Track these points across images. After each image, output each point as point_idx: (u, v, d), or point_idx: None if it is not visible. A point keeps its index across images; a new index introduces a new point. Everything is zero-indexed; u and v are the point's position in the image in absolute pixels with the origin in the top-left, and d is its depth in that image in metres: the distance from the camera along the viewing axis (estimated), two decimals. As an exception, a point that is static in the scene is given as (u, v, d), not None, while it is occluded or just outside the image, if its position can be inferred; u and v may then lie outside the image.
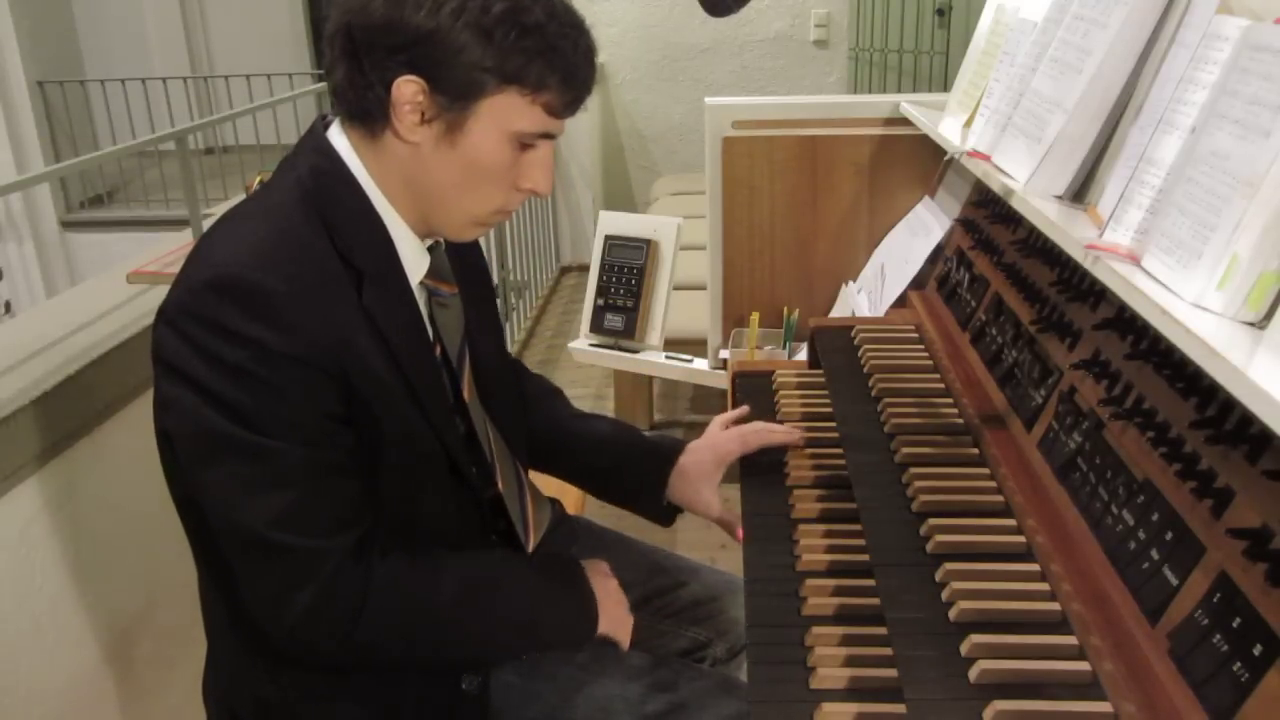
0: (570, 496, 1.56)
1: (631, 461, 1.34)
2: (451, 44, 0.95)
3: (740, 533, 1.24)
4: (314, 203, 1.02)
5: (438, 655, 1.10)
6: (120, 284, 1.87)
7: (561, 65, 0.99)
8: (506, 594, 1.12)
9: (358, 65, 0.98)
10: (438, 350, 1.13)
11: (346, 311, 1.00)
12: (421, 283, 1.11)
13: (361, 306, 1.01)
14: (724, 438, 1.33)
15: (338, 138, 1.05)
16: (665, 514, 1.32)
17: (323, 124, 1.07)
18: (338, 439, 1.00)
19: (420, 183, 1.04)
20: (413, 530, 1.08)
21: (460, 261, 1.21)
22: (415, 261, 1.09)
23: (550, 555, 1.28)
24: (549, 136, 1.04)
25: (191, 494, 1.01)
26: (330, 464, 0.99)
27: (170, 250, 2.10)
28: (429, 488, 1.09)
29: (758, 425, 1.37)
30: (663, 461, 1.31)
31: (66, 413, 1.45)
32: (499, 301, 3.37)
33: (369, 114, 1.01)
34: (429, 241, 1.12)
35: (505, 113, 0.99)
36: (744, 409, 1.44)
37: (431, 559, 1.07)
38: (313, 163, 1.04)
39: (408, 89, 0.97)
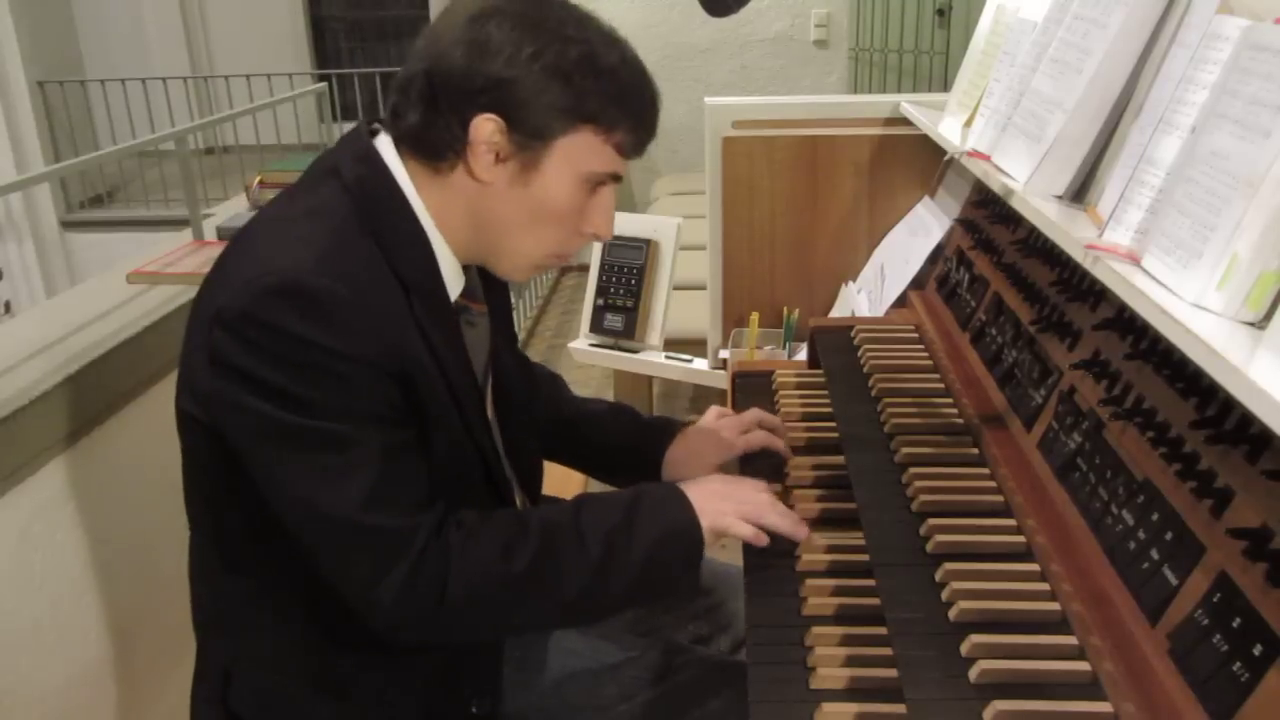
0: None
1: (628, 440, 1.35)
2: (531, 86, 0.98)
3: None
4: (362, 212, 1.02)
5: (531, 612, 1.06)
6: (120, 284, 1.88)
7: (634, 105, 1.04)
8: (590, 523, 1.06)
9: (435, 107, 1.00)
10: None
11: (402, 318, 1.01)
12: (455, 301, 1.11)
13: (413, 316, 1.02)
14: (728, 430, 1.33)
15: (387, 151, 1.05)
16: None
17: (368, 130, 1.07)
18: (406, 423, 1.01)
19: (485, 220, 1.05)
20: None
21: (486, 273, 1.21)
22: (452, 280, 1.09)
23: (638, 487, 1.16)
24: (617, 179, 1.07)
25: (266, 492, 1.00)
26: (405, 445, 1.01)
27: (170, 250, 2.10)
28: (470, 499, 1.09)
29: (758, 415, 1.35)
30: (659, 440, 1.34)
31: (66, 413, 1.45)
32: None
33: (439, 151, 1.02)
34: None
35: (580, 152, 1.02)
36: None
37: (505, 519, 1.06)
38: (359, 173, 1.04)
39: (486, 128, 0.99)
